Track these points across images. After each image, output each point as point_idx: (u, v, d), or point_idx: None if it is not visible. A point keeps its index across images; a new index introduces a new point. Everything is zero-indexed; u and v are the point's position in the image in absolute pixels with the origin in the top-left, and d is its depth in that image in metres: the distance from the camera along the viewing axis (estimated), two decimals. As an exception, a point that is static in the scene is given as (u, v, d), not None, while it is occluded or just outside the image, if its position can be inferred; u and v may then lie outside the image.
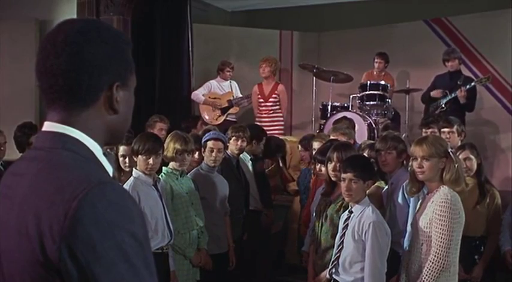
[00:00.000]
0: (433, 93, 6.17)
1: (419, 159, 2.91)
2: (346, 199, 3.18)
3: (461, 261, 3.12)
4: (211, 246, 3.92)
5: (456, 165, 2.89)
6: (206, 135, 4.19)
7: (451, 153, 2.92)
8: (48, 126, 1.15)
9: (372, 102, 6.40)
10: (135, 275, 1.03)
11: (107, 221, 1.02)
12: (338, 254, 3.15)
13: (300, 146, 5.08)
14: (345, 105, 6.62)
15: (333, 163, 3.45)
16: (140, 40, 6.75)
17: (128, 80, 1.20)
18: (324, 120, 6.44)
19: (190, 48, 7.25)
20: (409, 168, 3.05)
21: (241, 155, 4.67)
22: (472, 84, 6.01)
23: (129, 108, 1.23)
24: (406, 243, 3.18)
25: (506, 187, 5.67)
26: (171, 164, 3.79)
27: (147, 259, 1.06)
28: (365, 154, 3.88)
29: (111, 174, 1.18)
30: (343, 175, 3.13)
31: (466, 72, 6.59)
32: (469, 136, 4.90)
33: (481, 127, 6.99)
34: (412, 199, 3.33)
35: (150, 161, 3.44)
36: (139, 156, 3.46)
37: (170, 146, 3.72)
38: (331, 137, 4.39)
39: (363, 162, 3.25)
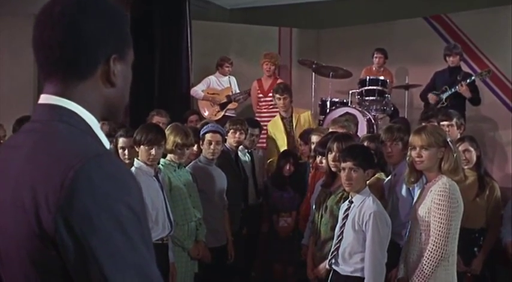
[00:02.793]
0: (429, 97, 6.16)
1: (418, 149, 2.89)
2: (347, 188, 3.16)
3: (461, 254, 3.11)
4: (209, 239, 3.90)
5: (455, 155, 2.88)
6: (204, 127, 4.18)
7: (449, 142, 2.91)
8: (44, 98, 1.14)
9: (371, 98, 6.37)
10: (132, 247, 1.01)
11: (103, 192, 1.00)
12: (338, 245, 3.14)
13: (299, 140, 5.06)
14: (344, 100, 6.61)
15: (333, 153, 3.43)
16: (139, 36, 6.72)
17: (126, 54, 1.19)
18: (323, 116, 6.42)
19: (189, 45, 7.23)
20: (407, 158, 3.04)
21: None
22: (472, 78, 6.02)
23: (127, 83, 1.21)
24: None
25: (506, 184, 5.61)
26: (169, 156, 3.78)
27: (144, 233, 1.05)
28: (363, 145, 3.86)
29: (108, 148, 1.17)
30: (342, 164, 3.12)
31: (465, 68, 6.56)
32: (468, 132, 4.86)
33: (481, 123, 6.96)
34: (416, 191, 3.26)
35: (153, 151, 3.43)
36: (142, 146, 3.45)
37: (170, 139, 3.70)
38: (330, 130, 4.37)
39: (362, 151, 3.23)
